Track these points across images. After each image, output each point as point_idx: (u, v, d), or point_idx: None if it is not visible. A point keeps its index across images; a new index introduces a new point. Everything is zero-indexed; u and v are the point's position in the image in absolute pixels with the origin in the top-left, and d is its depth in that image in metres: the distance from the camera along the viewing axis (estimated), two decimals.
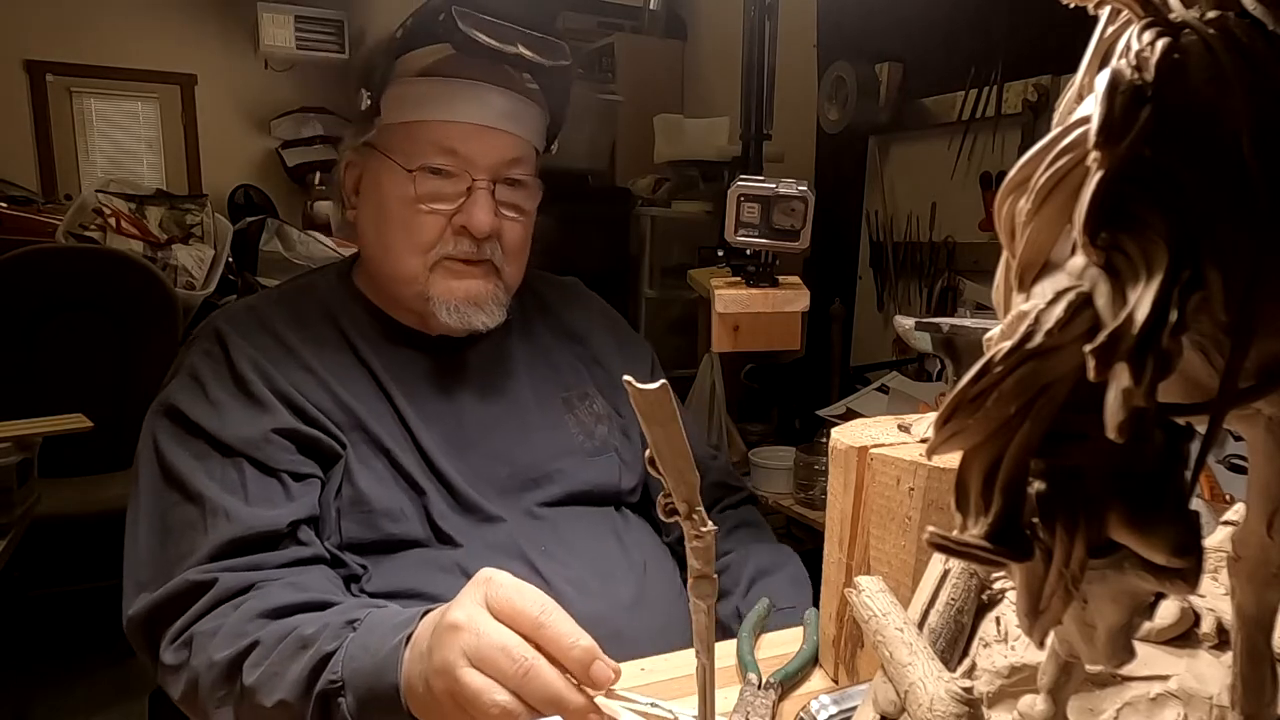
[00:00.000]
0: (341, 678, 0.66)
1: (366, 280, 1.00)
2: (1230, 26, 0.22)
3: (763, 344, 0.88)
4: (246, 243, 3.13)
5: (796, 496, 1.82)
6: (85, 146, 4.73)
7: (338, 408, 0.88)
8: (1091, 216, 0.21)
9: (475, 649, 0.58)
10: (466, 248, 0.92)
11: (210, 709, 0.73)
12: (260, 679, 0.69)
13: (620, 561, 0.93)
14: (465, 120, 0.91)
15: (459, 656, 0.58)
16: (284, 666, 0.69)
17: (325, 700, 0.66)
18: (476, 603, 0.60)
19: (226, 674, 0.72)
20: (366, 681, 0.65)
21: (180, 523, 0.81)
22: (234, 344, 0.89)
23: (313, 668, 0.67)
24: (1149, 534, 0.22)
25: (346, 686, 0.66)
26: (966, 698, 0.41)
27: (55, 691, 2.21)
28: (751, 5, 0.86)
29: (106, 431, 1.86)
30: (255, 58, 4.87)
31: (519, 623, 0.59)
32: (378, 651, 0.65)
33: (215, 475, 0.82)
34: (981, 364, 0.22)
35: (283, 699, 0.68)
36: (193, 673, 0.74)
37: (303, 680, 0.67)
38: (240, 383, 0.86)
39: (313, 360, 0.90)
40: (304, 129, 5.02)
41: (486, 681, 0.57)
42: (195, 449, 0.83)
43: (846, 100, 2.11)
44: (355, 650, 0.67)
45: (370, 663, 0.65)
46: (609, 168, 2.93)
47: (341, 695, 0.66)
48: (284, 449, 0.84)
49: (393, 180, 0.91)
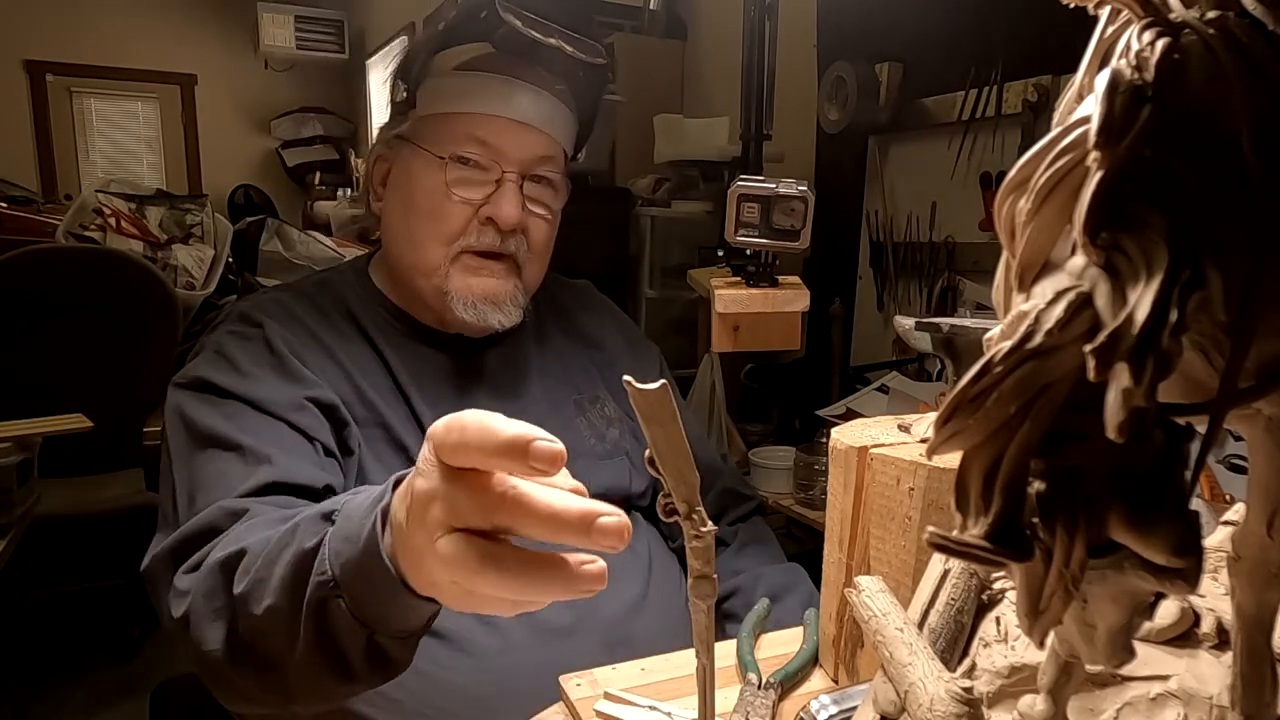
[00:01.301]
0: (333, 576, 0.57)
1: (385, 276, 1.00)
2: (1230, 26, 0.22)
3: (763, 344, 0.88)
4: (246, 243, 3.14)
5: (796, 496, 1.82)
6: (85, 146, 4.73)
7: (359, 401, 0.88)
8: (1091, 216, 0.21)
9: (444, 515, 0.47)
10: (490, 240, 0.92)
11: (203, 627, 0.66)
12: (249, 586, 0.62)
13: (627, 565, 0.93)
14: (498, 114, 0.91)
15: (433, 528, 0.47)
16: (268, 570, 0.62)
17: (321, 603, 0.57)
18: (432, 465, 0.49)
19: (218, 582, 0.65)
20: (358, 574, 0.55)
21: (215, 472, 0.76)
22: (268, 325, 0.88)
23: (296, 568, 0.59)
24: (1149, 534, 0.22)
25: (341, 585, 0.56)
26: (966, 698, 0.41)
27: (55, 691, 2.21)
28: (751, 5, 0.86)
29: (106, 431, 1.86)
30: (255, 58, 4.87)
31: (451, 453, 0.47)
32: (357, 538, 0.55)
33: (252, 430, 0.78)
34: (981, 364, 0.22)
35: (271, 605, 0.60)
36: (195, 589, 0.67)
37: (287, 582, 0.60)
38: (275, 356, 0.85)
39: (338, 351, 0.90)
40: (304, 129, 5.03)
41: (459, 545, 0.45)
42: (228, 410, 0.80)
43: (846, 100, 2.11)
44: (338, 543, 0.57)
45: (355, 552, 0.55)
46: (609, 168, 2.93)
47: (339, 596, 0.56)
48: (319, 420, 0.82)
49: (423, 169, 0.92)
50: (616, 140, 2.90)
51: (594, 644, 0.84)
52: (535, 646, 0.83)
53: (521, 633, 0.83)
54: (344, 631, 0.57)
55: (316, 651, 0.59)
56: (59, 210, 3.17)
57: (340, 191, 4.36)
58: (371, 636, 0.57)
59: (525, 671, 0.80)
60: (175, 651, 0.73)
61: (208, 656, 0.65)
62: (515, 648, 0.82)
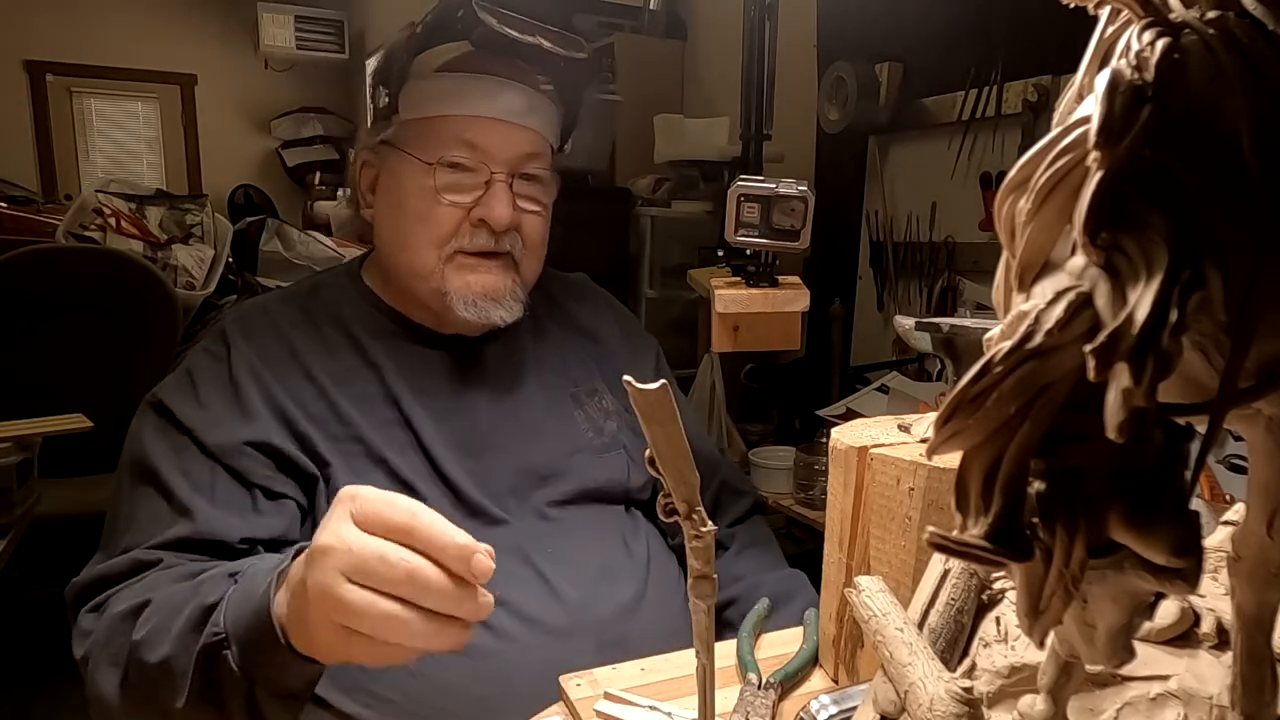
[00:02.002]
0: (225, 629, 0.62)
1: (379, 279, 1.00)
2: (1230, 26, 0.22)
3: (763, 344, 0.88)
4: (246, 243, 3.13)
5: (796, 496, 1.82)
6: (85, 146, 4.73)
7: (335, 418, 0.88)
8: (1091, 216, 0.21)
9: (350, 565, 0.53)
10: (483, 241, 0.92)
11: (99, 670, 0.70)
12: (147, 635, 0.66)
13: (625, 565, 0.93)
14: (483, 114, 0.91)
15: (335, 576, 0.54)
16: (169, 620, 0.66)
17: (210, 655, 0.63)
18: (342, 520, 0.55)
19: (119, 629, 0.69)
20: (247, 629, 0.61)
21: (147, 514, 0.81)
22: (236, 347, 0.89)
23: (195, 622, 0.64)
24: (1149, 534, 0.22)
25: (230, 638, 0.62)
26: (966, 698, 0.41)
27: (55, 691, 2.20)
28: (751, 5, 0.86)
29: (106, 431, 1.86)
30: (255, 58, 4.87)
31: (390, 531, 0.54)
32: (253, 595, 0.62)
33: (189, 473, 0.82)
34: (981, 364, 0.22)
35: (166, 655, 0.64)
36: (97, 632, 0.72)
37: (183, 635, 0.64)
38: (234, 387, 0.87)
39: (315, 367, 0.90)
40: (304, 129, 5.02)
41: (368, 594, 0.53)
42: (176, 443, 0.83)
43: (846, 100, 2.11)
44: (236, 600, 0.63)
45: (249, 609, 0.62)
46: (609, 168, 2.93)
47: (226, 648, 0.62)
48: (260, 463, 0.84)
49: (412, 174, 0.91)
50: (616, 140, 2.90)
51: (591, 644, 0.84)
52: (533, 646, 0.83)
53: (519, 632, 0.83)
54: (227, 683, 0.63)
55: (201, 702, 0.64)
56: (59, 210, 3.17)
57: (340, 191, 4.36)
58: (252, 690, 0.63)
59: (523, 671, 0.80)
60: None
61: (103, 700, 0.70)
62: (513, 648, 0.82)
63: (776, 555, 1.07)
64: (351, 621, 0.54)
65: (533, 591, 0.86)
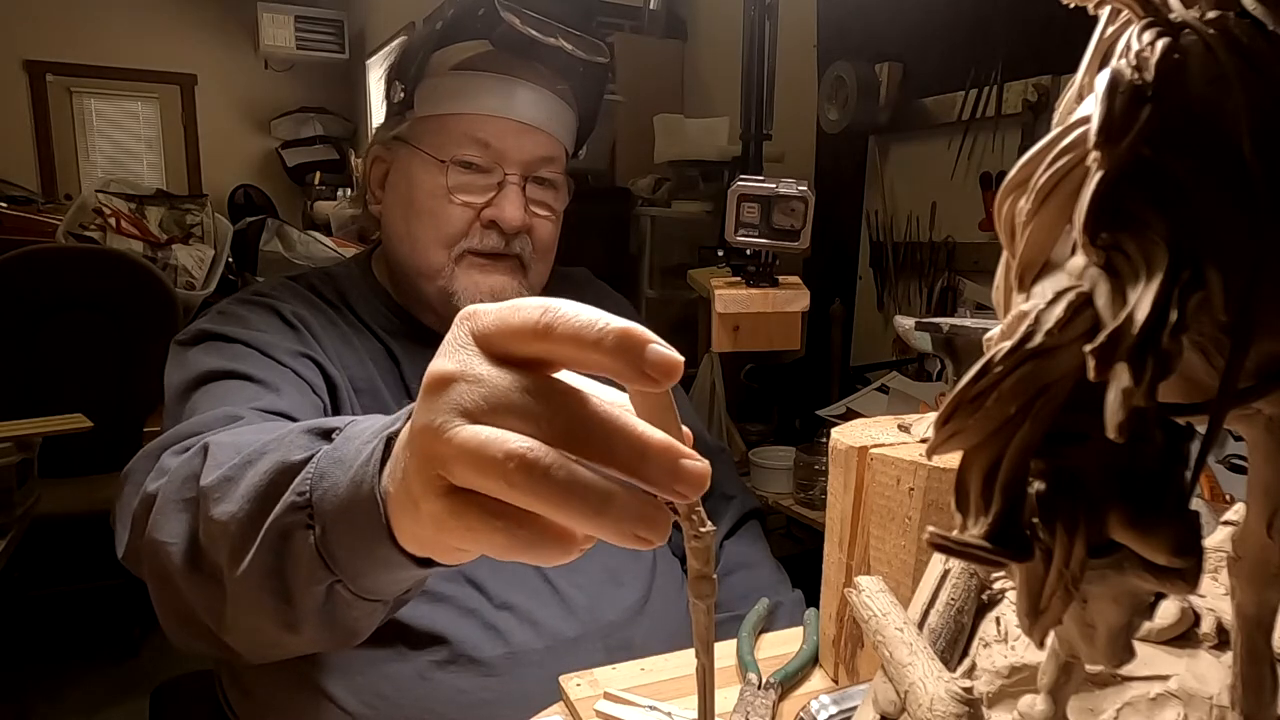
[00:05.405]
0: (310, 500, 0.46)
1: (388, 276, 0.99)
2: (1230, 26, 0.22)
3: (763, 344, 0.88)
4: (246, 243, 3.14)
5: (796, 496, 1.82)
6: (85, 146, 4.73)
7: (367, 386, 0.87)
8: (1091, 216, 0.21)
9: (476, 400, 0.34)
10: (493, 242, 0.92)
11: (167, 515, 0.57)
12: (215, 481, 0.53)
13: (630, 566, 0.93)
14: (499, 115, 0.90)
15: (450, 414, 0.35)
16: (241, 470, 0.52)
17: (285, 533, 0.48)
18: (462, 345, 0.36)
19: (190, 476, 0.57)
20: (339, 505, 0.45)
21: (218, 395, 0.71)
22: (277, 296, 0.88)
23: (272, 479, 0.49)
24: (1149, 534, 0.22)
25: (315, 514, 0.46)
26: (966, 698, 0.41)
27: (55, 691, 2.21)
28: (751, 5, 0.86)
29: (106, 431, 1.86)
30: (255, 58, 4.87)
31: (522, 339, 0.36)
32: (351, 461, 0.45)
33: (259, 367, 0.77)
34: (981, 364, 0.22)
35: (231, 511, 0.51)
36: (174, 470, 0.59)
37: (258, 491, 0.50)
38: (283, 319, 0.84)
39: (349, 334, 0.90)
40: (304, 129, 5.03)
41: (494, 431, 0.34)
42: (233, 352, 0.78)
43: (846, 100, 2.11)
44: (327, 464, 0.47)
45: (344, 479, 0.45)
46: (609, 167, 2.93)
47: (310, 525, 0.46)
48: (318, 377, 0.81)
49: (424, 171, 0.91)
50: (616, 140, 2.90)
51: (599, 648, 0.84)
52: (539, 653, 0.82)
53: (525, 639, 0.83)
54: (302, 570, 0.47)
55: (264, 584, 0.49)
56: (59, 210, 3.18)
57: (340, 191, 4.36)
58: (332, 585, 0.47)
59: (528, 678, 0.80)
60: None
61: (160, 550, 0.56)
62: (518, 655, 0.82)
63: (768, 570, 1.02)
64: (466, 466, 0.34)
65: (541, 598, 0.86)
